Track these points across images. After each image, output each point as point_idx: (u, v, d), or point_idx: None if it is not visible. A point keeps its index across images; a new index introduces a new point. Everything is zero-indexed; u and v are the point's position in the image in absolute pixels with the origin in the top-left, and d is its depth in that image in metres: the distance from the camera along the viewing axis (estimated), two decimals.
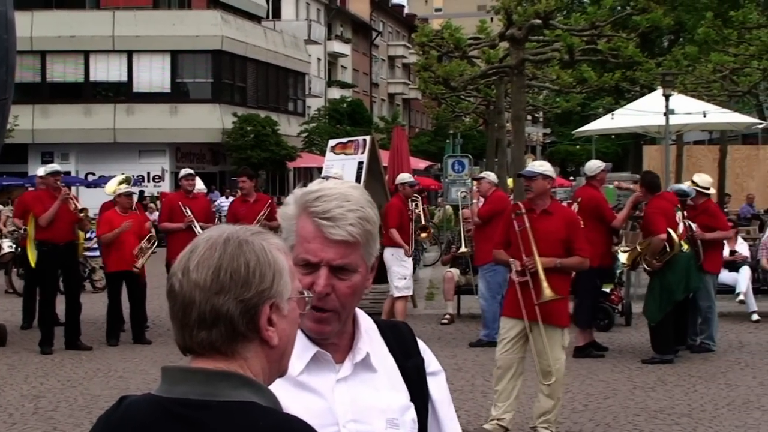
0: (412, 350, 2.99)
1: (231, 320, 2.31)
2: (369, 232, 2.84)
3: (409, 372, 2.95)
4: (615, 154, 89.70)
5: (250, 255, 2.35)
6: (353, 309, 2.92)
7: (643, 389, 12.37)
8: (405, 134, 27.16)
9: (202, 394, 2.30)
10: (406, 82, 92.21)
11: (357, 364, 2.89)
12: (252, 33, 58.79)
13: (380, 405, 2.86)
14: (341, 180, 2.95)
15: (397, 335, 3.01)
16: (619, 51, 24.79)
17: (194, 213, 16.44)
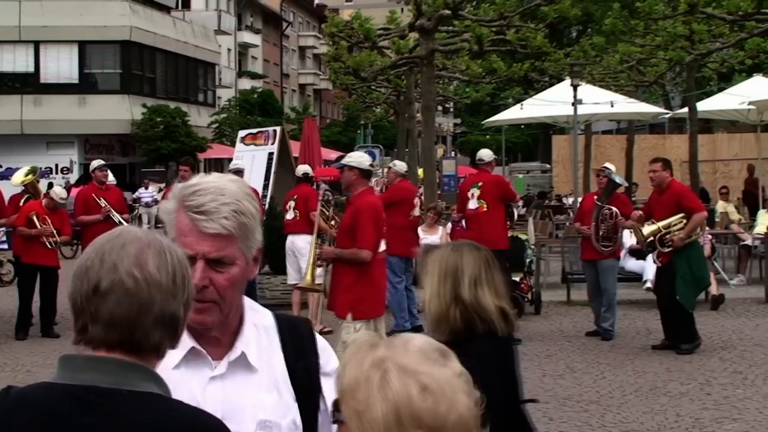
0: (307, 350, 2.96)
1: (179, 322, 2.38)
2: (245, 225, 2.85)
3: (299, 373, 2.92)
4: (525, 144, 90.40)
5: (184, 261, 2.44)
6: (235, 301, 2.92)
7: (552, 377, 12.47)
8: (316, 125, 27.14)
9: (112, 383, 2.31)
10: (317, 72, 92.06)
11: (232, 363, 2.89)
12: (161, 23, 58.27)
13: (253, 405, 2.86)
14: (224, 174, 2.95)
15: (294, 333, 2.99)
16: (528, 41, 25.02)
17: (109, 203, 16.29)
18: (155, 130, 51.84)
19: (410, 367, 2.10)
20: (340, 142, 73.76)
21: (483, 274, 4.30)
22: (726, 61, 35.16)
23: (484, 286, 4.29)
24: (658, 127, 59.38)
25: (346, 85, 38.22)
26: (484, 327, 4.29)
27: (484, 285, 4.29)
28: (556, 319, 16.90)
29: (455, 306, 4.28)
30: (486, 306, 4.27)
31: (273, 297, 18.09)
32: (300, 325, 3.05)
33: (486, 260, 4.36)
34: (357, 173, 10.47)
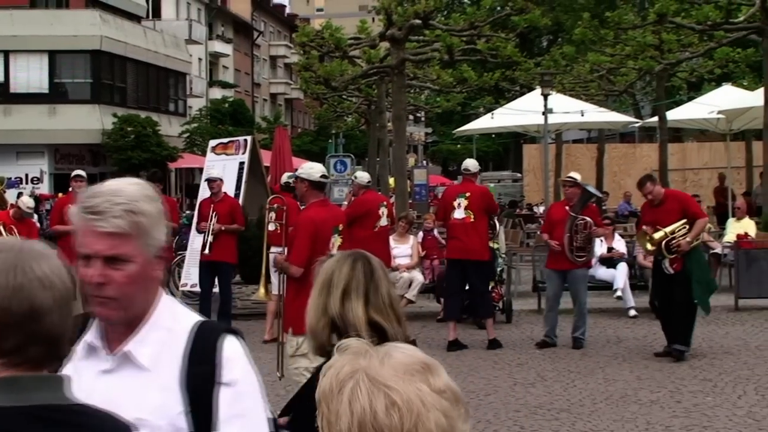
0: (207, 358, 3.00)
1: None
2: (141, 224, 2.97)
3: (193, 378, 2.98)
4: (496, 153, 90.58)
5: None
6: (139, 299, 3.02)
7: (524, 385, 12.51)
8: (287, 134, 27.09)
9: (63, 399, 2.34)
10: (288, 82, 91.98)
11: (121, 359, 3.00)
12: (132, 33, 58.11)
13: (130, 403, 2.91)
14: (131, 179, 3.08)
15: (203, 341, 3.03)
16: (498, 51, 25.09)
17: None
18: (126, 139, 51.67)
19: (381, 381, 2.09)
20: (311, 151, 73.68)
21: (358, 286, 4.02)
22: (695, 70, 35.39)
23: (356, 299, 4.00)
24: (629, 136, 59.66)
25: (317, 94, 38.22)
26: None
27: (357, 298, 4.00)
28: (527, 328, 16.94)
29: (323, 319, 4.05)
30: (351, 321, 3.97)
31: (244, 307, 18.09)
32: (210, 333, 3.07)
33: (367, 271, 4.06)
34: (307, 185, 10.39)
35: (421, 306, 18.97)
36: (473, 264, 15.39)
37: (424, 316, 18.37)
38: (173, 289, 20.27)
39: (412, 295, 17.86)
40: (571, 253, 15.12)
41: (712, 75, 34.50)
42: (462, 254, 15.24)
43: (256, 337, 16.28)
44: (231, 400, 2.98)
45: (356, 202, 16.42)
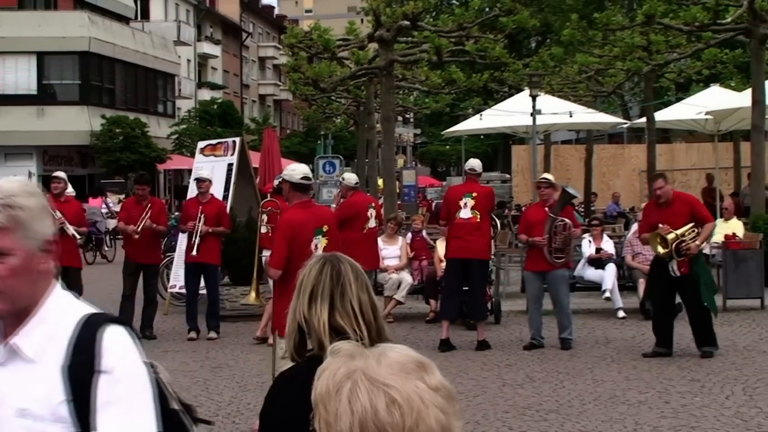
0: (88, 346, 3.05)
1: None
2: (18, 217, 3.05)
3: (74, 368, 3.03)
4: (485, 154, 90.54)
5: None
6: (23, 291, 3.09)
7: (512, 386, 12.52)
8: (276, 135, 27.10)
9: None
10: (277, 83, 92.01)
11: (9, 352, 3.09)
12: (120, 34, 58.09)
13: (15, 393, 3.02)
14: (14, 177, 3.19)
15: (85, 330, 3.08)
16: (487, 52, 25.09)
17: (66, 216, 16.17)
18: (114, 141, 51.70)
19: (380, 380, 2.11)
20: (300, 152, 73.69)
21: (323, 290, 3.91)
22: (683, 71, 35.42)
23: (321, 303, 3.89)
24: (617, 137, 59.67)
25: (305, 95, 38.22)
26: (317, 349, 3.87)
27: (322, 302, 3.90)
28: (516, 329, 16.96)
29: (293, 323, 3.97)
30: (315, 325, 3.87)
31: (233, 308, 18.09)
32: (93, 325, 3.10)
33: (334, 275, 3.94)
34: (288, 186, 10.43)
35: (410, 307, 18.98)
36: (477, 263, 15.46)
37: (412, 317, 18.39)
38: (162, 291, 20.28)
39: (400, 296, 17.89)
40: (550, 255, 15.14)
41: (700, 76, 34.54)
42: (466, 254, 15.25)
43: (244, 339, 16.30)
44: (107, 387, 3.01)
45: (345, 204, 16.39)
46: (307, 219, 10.36)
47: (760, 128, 22.98)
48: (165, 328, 17.60)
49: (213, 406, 11.63)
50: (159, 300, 19.50)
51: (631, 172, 39.27)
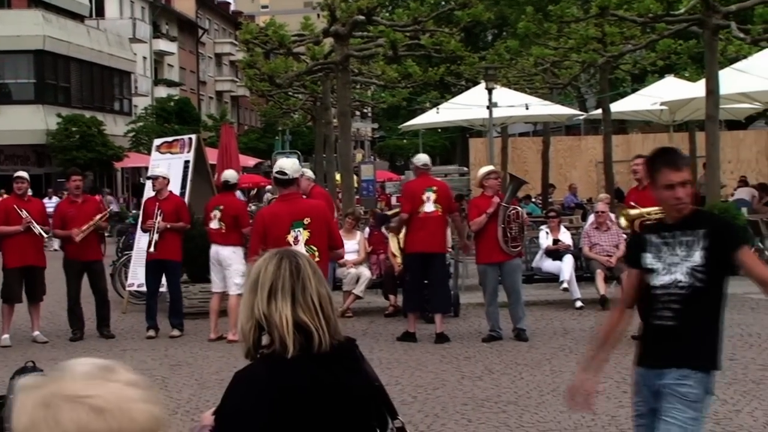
0: None
1: None
2: None
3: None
4: (443, 148, 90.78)
5: None
6: None
7: (471, 378, 12.56)
8: (233, 132, 27.04)
9: None
10: (234, 79, 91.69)
11: None
12: (75, 32, 57.74)
13: None
14: None
15: None
16: (442, 46, 25.12)
17: (31, 215, 16.10)
18: (71, 139, 51.39)
19: (78, 394, 2.12)
20: (258, 148, 73.52)
21: (284, 285, 3.84)
22: (638, 62, 35.64)
23: (282, 298, 3.82)
24: (574, 129, 59.96)
25: (262, 91, 38.13)
26: (278, 346, 3.80)
27: (283, 297, 3.83)
28: (475, 321, 17.01)
29: (251, 321, 3.87)
30: (277, 322, 3.80)
31: (191, 305, 18.04)
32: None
33: (293, 270, 3.89)
34: (272, 182, 10.66)
35: (369, 301, 18.99)
36: (438, 257, 15.59)
37: (371, 312, 18.42)
38: (120, 289, 20.21)
39: (359, 291, 17.91)
40: (506, 245, 15.18)
41: (655, 67, 34.74)
42: (428, 247, 15.33)
43: (203, 336, 16.26)
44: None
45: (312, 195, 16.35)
46: (282, 212, 10.52)
47: (714, 118, 23.12)
48: (123, 327, 17.53)
49: (172, 404, 11.59)
50: (117, 299, 19.48)
51: (588, 163, 39.43)
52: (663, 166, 6.04)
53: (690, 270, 5.98)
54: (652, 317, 6.12)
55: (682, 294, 5.99)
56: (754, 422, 10.01)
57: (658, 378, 6.03)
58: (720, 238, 6.05)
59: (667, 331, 6.01)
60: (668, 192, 6.01)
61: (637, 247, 6.32)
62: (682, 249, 6.02)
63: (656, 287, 6.07)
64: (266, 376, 3.77)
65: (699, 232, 6.00)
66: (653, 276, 6.09)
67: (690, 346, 5.99)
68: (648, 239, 6.21)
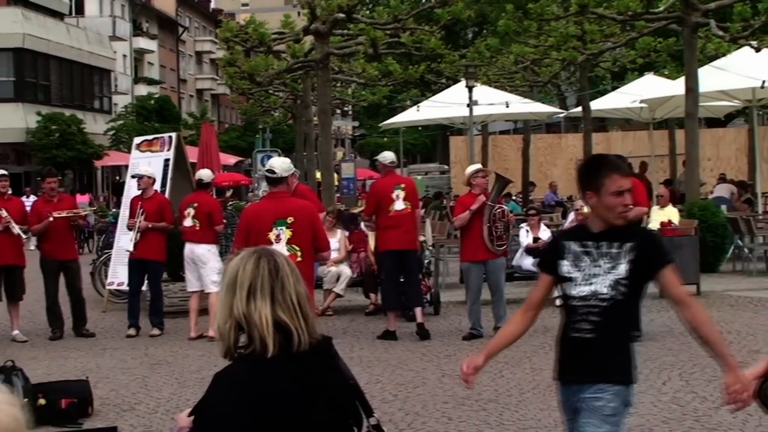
0: None
1: None
2: None
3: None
4: (423, 146, 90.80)
5: None
6: None
7: (452, 377, 12.54)
8: (214, 130, 27.02)
9: None
10: (215, 77, 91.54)
11: None
12: (54, 30, 57.56)
13: None
14: None
15: None
16: (423, 44, 25.13)
17: (11, 214, 16.03)
18: (51, 138, 51.22)
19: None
20: (238, 146, 73.44)
21: (263, 284, 3.82)
22: (618, 60, 35.75)
23: (262, 298, 3.81)
24: (554, 127, 60.06)
25: (242, 89, 38.10)
26: (258, 346, 3.79)
27: (262, 297, 3.81)
28: (455, 320, 17.01)
29: (230, 321, 3.84)
30: (256, 321, 3.78)
31: (171, 304, 18.01)
32: None
33: (272, 269, 3.87)
34: None
35: (350, 300, 19.00)
36: (411, 254, 15.70)
37: (352, 310, 18.42)
38: (100, 288, 20.16)
39: (340, 289, 17.90)
40: (492, 243, 15.20)
41: (635, 64, 34.87)
42: (403, 245, 15.41)
43: (184, 335, 16.23)
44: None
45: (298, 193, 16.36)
46: (266, 209, 10.59)
47: (693, 116, 23.22)
48: (103, 326, 17.49)
49: (152, 403, 11.58)
50: (97, 298, 19.44)
51: (569, 161, 39.50)
52: (613, 171, 5.79)
53: (613, 282, 5.73)
54: (569, 329, 5.87)
55: (602, 306, 5.74)
56: (733, 419, 10.03)
57: (576, 393, 5.83)
58: (648, 253, 5.81)
59: (585, 344, 5.78)
60: (618, 198, 5.74)
61: (554, 253, 5.97)
62: (607, 260, 5.76)
63: (574, 298, 5.81)
64: (247, 376, 3.76)
65: (627, 245, 5.75)
66: (570, 285, 5.82)
67: (607, 360, 5.79)
68: (566, 246, 5.88)
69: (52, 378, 12.36)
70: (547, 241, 19.09)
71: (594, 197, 5.80)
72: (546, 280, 6.04)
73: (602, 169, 5.83)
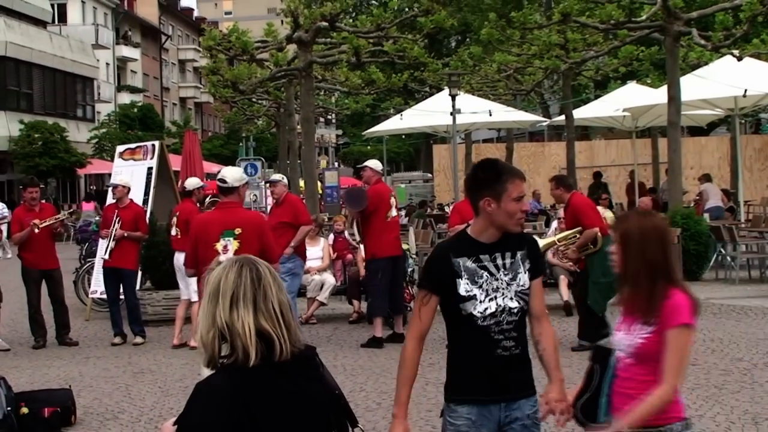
0: None
1: None
2: None
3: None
4: (407, 154, 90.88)
5: None
6: None
7: (435, 385, 12.53)
8: (197, 138, 26.97)
9: None
10: (198, 85, 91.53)
11: None
12: (37, 38, 57.50)
13: None
14: None
15: None
16: (406, 52, 25.15)
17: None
18: (33, 146, 51.14)
19: None
20: (222, 155, 73.39)
21: (245, 293, 3.82)
22: (600, 69, 35.83)
23: (244, 306, 3.81)
24: (538, 135, 60.13)
25: (226, 98, 38.07)
26: (241, 355, 3.79)
27: (245, 305, 3.81)
28: (439, 328, 16.77)
29: (213, 330, 3.82)
30: (239, 330, 3.77)
31: (155, 313, 17.99)
32: None
33: (254, 277, 3.87)
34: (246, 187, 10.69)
35: (333, 308, 18.98)
36: (402, 259, 16.12)
37: (336, 318, 18.40)
38: (83, 297, 20.11)
39: (323, 298, 17.89)
40: None
41: (617, 73, 34.95)
42: (397, 251, 15.72)
43: (167, 343, 16.20)
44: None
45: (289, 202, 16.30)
46: (214, 220, 10.47)
47: (676, 124, 23.27)
48: (87, 334, 17.44)
49: (135, 412, 11.56)
50: (81, 306, 19.41)
51: (552, 169, 39.52)
52: (515, 177, 5.55)
53: (518, 293, 5.53)
54: (490, 348, 5.55)
55: (516, 320, 5.53)
56: (716, 427, 10.07)
57: (506, 411, 5.57)
58: (536, 259, 5.67)
59: (513, 360, 5.53)
60: (518, 204, 5.51)
61: (444, 273, 5.55)
62: (506, 272, 5.52)
63: (479, 317, 5.51)
64: (229, 386, 3.76)
65: (519, 253, 5.56)
66: (471, 304, 5.50)
67: (530, 371, 5.64)
68: (458, 263, 5.52)
69: (35, 387, 12.34)
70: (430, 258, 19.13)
71: (493, 203, 5.50)
72: (434, 302, 5.65)
73: (504, 174, 5.54)
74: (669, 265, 5.15)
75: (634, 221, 5.26)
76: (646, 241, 5.15)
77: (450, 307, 5.61)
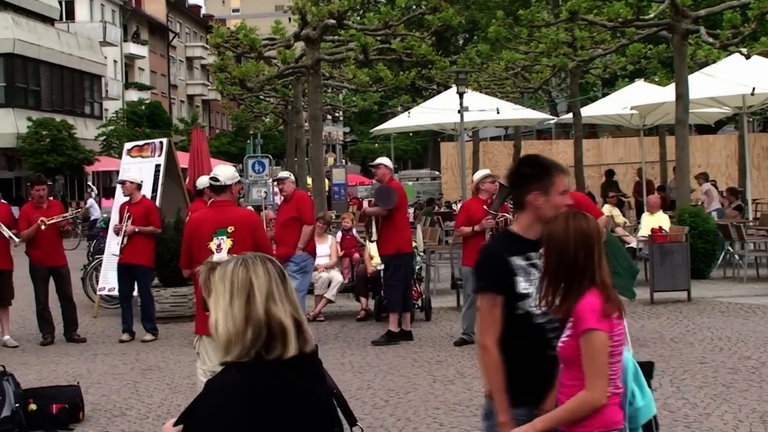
0: None
1: None
2: None
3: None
4: (414, 152, 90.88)
5: None
6: None
7: (443, 383, 12.56)
8: (205, 135, 26.98)
9: None
10: (205, 83, 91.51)
11: None
12: (45, 35, 57.52)
13: None
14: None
15: None
16: (413, 50, 25.15)
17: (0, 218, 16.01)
18: (41, 143, 51.16)
19: None
20: (229, 152, 73.40)
21: (276, 287, 3.87)
22: (608, 67, 35.80)
23: (278, 300, 3.85)
24: (545, 133, 60.12)
25: (233, 95, 38.08)
26: (280, 347, 3.81)
27: (280, 300, 3.86)
28: (447, 325, 17.02)
29: (248, 325, 3.81)
30: (281, 323, 3.81)
31: (163, 310, 17.99)
32: None
33: (278, 272, 3.92)
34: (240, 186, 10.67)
35: (341, 305, 19.00)
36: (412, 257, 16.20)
37: (343, 316, 18.40)
38: (91, 294, 20.13)
39: (331, 295, 17.89)
40: None
41: (625, 71, 34.94)
42: (412, 248, 15.93)
43: (175, 341, 16.21)
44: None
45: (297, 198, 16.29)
46: (207, 219, 10.42)
47: (684, 122, 23.26)
48: (95, 331, 17.46)
49: (143, 409, 11.58)
50: (89, 303, 19.43)
51: None
52: (561, 171, 5.62)
53: None
54: (542, 348, 5.41)
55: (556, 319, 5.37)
56: (724, 425, 10.06)
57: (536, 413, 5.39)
58: None
59: (554, 362, 5.28)
60: (563, 198, 5.56)
61: (504, 272, 5.47)
62: (540, 269, 5.38)
63: (537, 315, 5.42)
64: (244, 383, 3.76)
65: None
66: (528, 302, 5.43)
67: None
68: (512, 262, 5.49)
69: (43, 383, 12.36)
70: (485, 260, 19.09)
71: (541, 197, 5.54)
72: (501, 301, 5.48)
73: (551, 168, 5.61)
74: (592, 266, 5.06)
75: (560, 222, 5.17)
76: (568, 242, 5.08)
77: (506, 308, 5.49)
